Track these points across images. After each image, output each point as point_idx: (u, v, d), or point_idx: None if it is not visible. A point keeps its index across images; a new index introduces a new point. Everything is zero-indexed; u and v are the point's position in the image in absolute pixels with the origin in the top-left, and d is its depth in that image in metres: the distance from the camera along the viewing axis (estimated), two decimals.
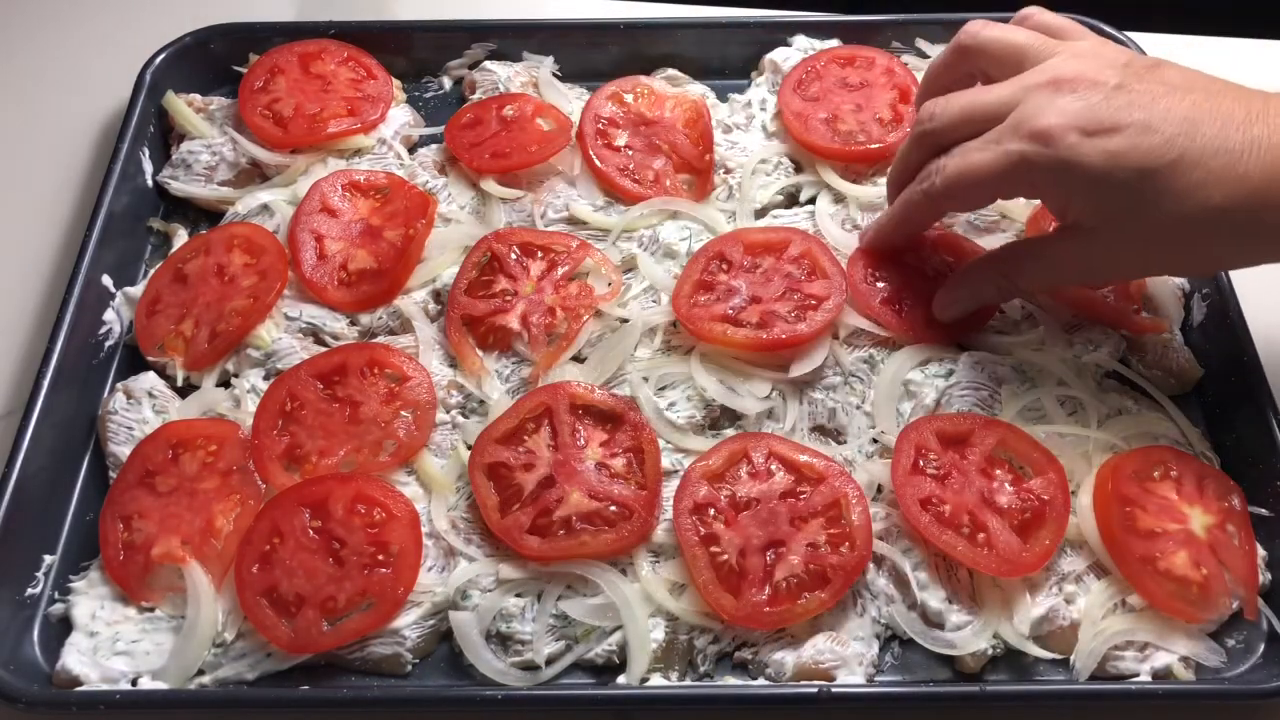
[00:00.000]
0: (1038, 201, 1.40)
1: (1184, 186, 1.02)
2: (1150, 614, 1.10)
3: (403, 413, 1.22)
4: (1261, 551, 1.15)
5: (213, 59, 1.56)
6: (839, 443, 1.24)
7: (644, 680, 1.08)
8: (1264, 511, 1.17)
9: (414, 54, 1.61)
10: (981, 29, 1.20)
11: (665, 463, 1.19)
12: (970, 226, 1.40)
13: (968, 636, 1.09)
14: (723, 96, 1.58)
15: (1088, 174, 1.04)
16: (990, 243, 1.37)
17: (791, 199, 1.47)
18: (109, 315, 1.34)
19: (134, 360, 1.33)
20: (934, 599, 1.10)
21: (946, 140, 1.15)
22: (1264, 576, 1.14)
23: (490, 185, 1.42)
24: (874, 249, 1.32)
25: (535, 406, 1.21)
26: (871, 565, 1.13)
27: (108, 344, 1.33)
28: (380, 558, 1.12)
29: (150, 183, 1.47)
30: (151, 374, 1.29)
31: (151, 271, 1.38)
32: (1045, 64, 1.11)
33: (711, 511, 1.14)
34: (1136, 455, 1.18)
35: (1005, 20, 1.23)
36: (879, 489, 1.18)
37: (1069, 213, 1.11)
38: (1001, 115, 1.09)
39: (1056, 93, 1.06)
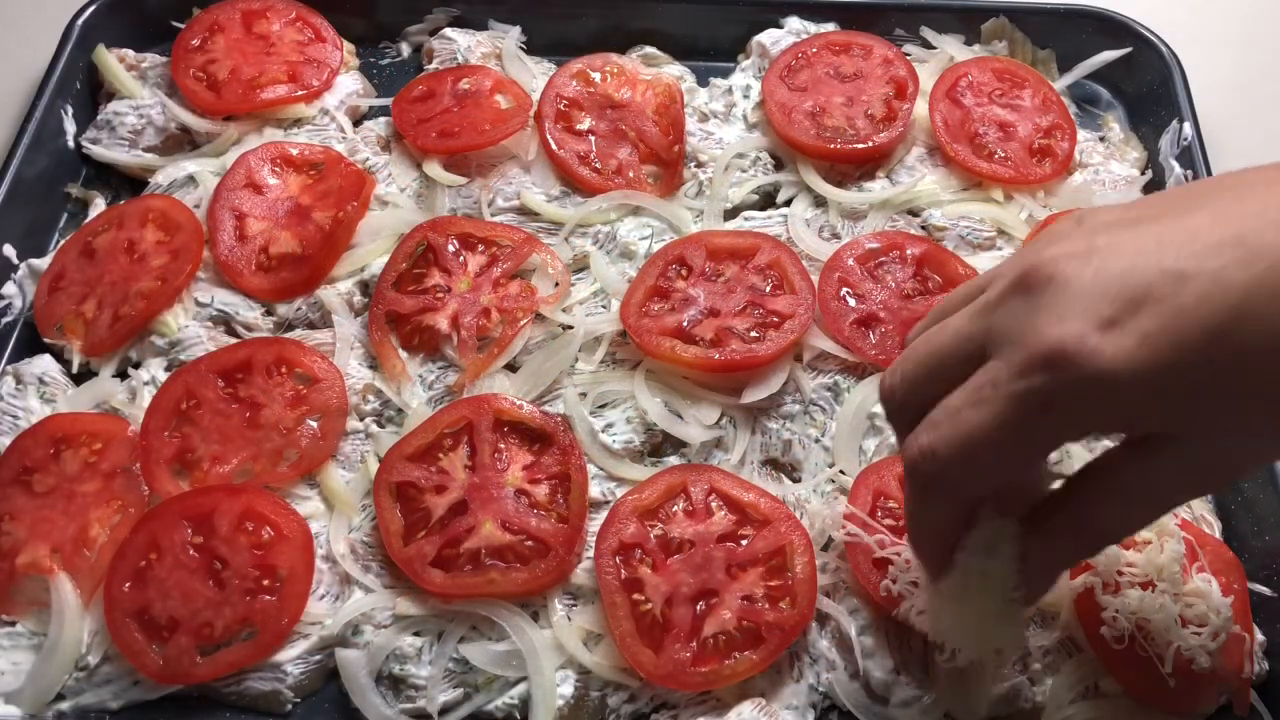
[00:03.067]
0: (1042, 217, 1.26)
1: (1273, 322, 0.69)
2: (1125, 702, 0.97)
3: (309, 419, 1.10)
4: (1260, 636, 1.01)
5: (151, 12, 1.44)
6: (793, 480, 1.11)
7: None
8: (1265, 590, 1.03)
9: (373, 16, 1.48)
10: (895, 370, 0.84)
11: (595, 492, 1.07)
12: (961, 242, 1.26)
13: (915, 715, 0.96)
14: (704, 80, 1.44)
15: (1135, 377, 0.70)
16: (985, 261, 1.23)
17: (768, 199, 1.33)
18: (9, 289, 1.23)
19: (34, 340, 1.21)
20: (879, 668, 0.98)
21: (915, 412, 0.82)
22: (1260, 666, 1.00)
23: (434, 169, 1.28)
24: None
25: (455, 420, 1.09)
26: (814, 625, 1.01)
27: (5, 320, 1.22)
28: (265, 582, 1.01)
29: (72, 144, 1.35)
30: (47, 358, 1.18)
31: (63, 243, 1.26)
32: (992, 281, 0.79)
33: (638, 553, 1.01)
34: None
35: None
36: (830, 539, 1.05)
37: (1135, 427, 0.76)
38: (973, 355, 0.78)
39: (1029, 295, 0.74)
